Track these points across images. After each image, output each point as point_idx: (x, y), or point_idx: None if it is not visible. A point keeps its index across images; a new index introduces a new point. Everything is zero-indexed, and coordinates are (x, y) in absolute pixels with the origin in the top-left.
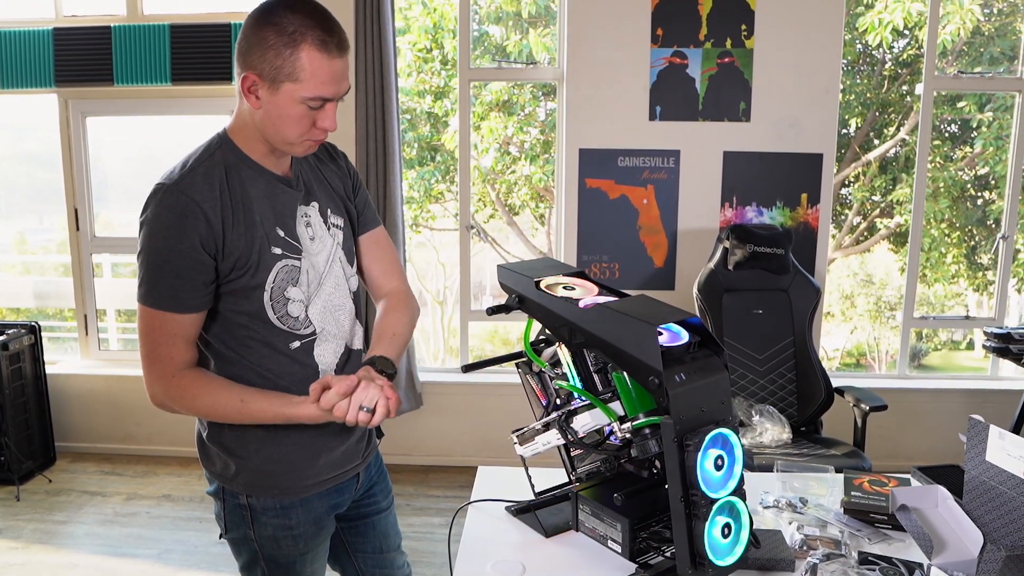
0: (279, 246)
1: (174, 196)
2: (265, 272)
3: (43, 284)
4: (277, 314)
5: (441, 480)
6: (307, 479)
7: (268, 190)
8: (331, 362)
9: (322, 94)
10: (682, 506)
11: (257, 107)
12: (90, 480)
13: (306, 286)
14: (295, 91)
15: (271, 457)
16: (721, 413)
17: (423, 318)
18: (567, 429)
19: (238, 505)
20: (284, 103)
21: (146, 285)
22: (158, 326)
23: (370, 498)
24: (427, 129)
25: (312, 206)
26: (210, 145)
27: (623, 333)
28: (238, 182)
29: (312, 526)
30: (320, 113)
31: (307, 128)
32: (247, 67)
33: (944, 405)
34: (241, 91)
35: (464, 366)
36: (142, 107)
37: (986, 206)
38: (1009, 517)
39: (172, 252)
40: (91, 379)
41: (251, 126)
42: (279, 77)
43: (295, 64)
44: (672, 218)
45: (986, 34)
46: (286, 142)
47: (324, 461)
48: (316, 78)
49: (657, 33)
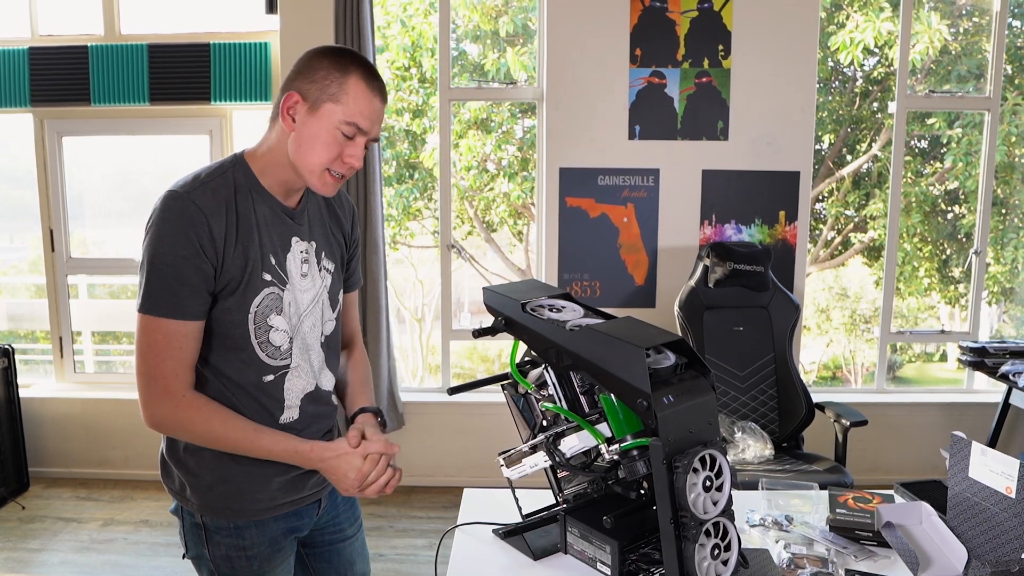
0: (269, 272)
1: (183, 202)
2: (252, 295)
3: (15, 306)
4: (259, 340)
5: (424, 501)
6: (260, 502)
7: (271, 217)
8: (297, 397)
9: (358, 122)
10: (672, 528)
11: (291, 128)
12: (65, 506)
13: (288, 317)
14: (334, 112)
15: (223, 477)
16: (709, 434)
17: (402, 335)
18: (555, 451)
19: (194, 524)
20: (320, 124)
21: (146, 291)
22: (160, 338)
23: (335, 525)
24: (405, 147)
25: (311, 244)
26: (223, 164)
27: (611, 356)
28: (244, 204)
29: (267, 547)
30: (349, 145)
31: (334, 157)
32: (292, 88)
33: (922, 419)
34: (280, 111)
35: (450, 389)
36: (120, 127)
37: (956, 220)
38: (993, 533)
39: (176, 257)
40: (66, 402)
41: (275, 152)
42: (322, 97)
43: (341, 86)
44: (652, 236)
45: (953, 53)
46: (309, 168)
47: (277, 485)
48: (357, 105)
49: (636, 53)
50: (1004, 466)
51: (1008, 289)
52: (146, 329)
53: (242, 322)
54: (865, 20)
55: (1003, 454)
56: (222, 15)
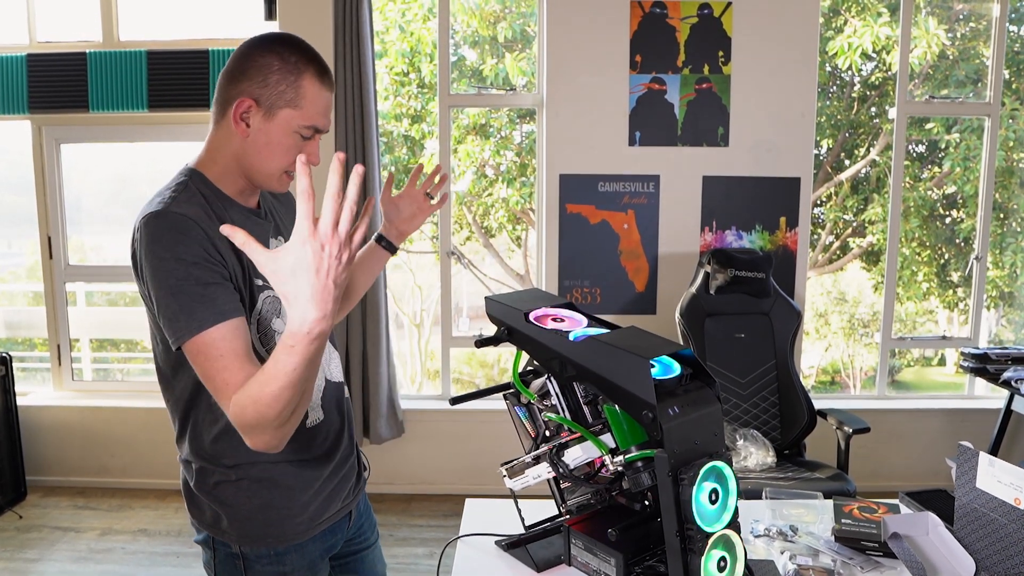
0: (259, 277)
1: (166, 218)
2: (253, 300)
3: (13, 313)
4: (266, 347)
5: (424, 509)
6: (300, 524)
7: (243, 222)
8: (316, 396)
9: (316, 124)
10: (677, 541)
11: (245, 135)
12: (63, 515)
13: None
14: (292, 118)
15: (264, 504)
16: (714, 445)
17: (400, 340)
18: (558, 463)
19: (230, 554)
20: (278, 131)
21: (184, 316)
22: (216, 352)
23: (360, 535)
24: (404, 152)
25: (280, 240)
26: (180, 180)
27: (615, 366)
28: (219, 210)
29: (307, 571)
30: (308, 144)
31: (291, 160)
32: (243, 92)
33: (924, 425)
34: (232, 118)
35: (452, 399)
36: (118, 134)
37: (955, 225)
38: (1002, 544)
39: (189, 266)
40: (64, 410)
41: (227, 158)
42: (279, 103)
43: (298, 91)
44: (653, 243)
45: (951, 58)
46: (266, 173)
47: (316, 503)
48: (315, 107)
49: (636, 59)
50: (1013, 477)
51: (1007, 294)
52: (202, 349)
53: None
54: (863, 25)
55: (1012, 465)
56: (221, 22)
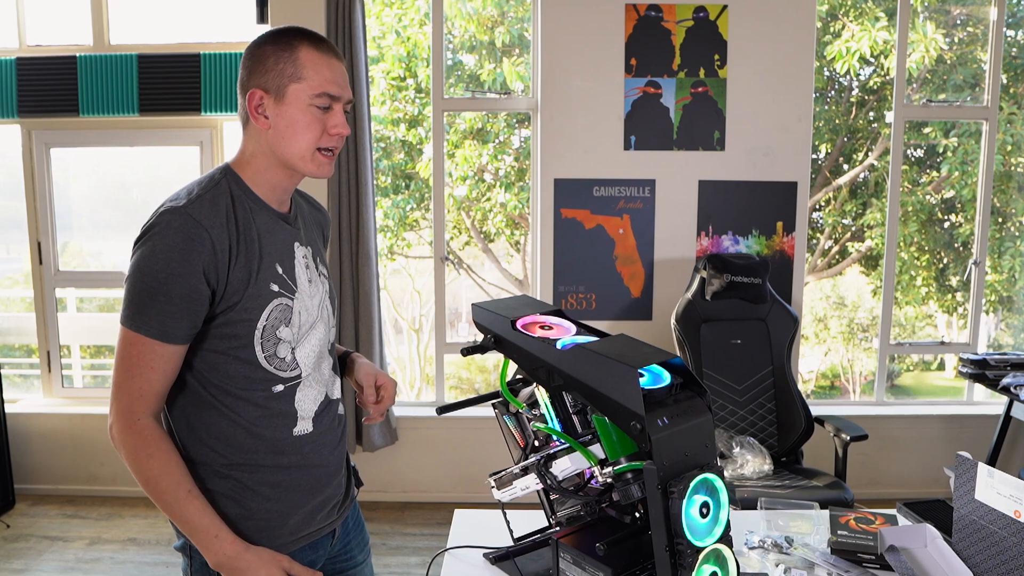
0: (276, 283)
1: (182, 218)
2: (259, 309)
3: (2, 319)
4: (265, 353)
5: (417, 517)
6: (279, 538)
7: (270, 225)
8: (311, 409)
9: (328, 90)
10: (667, 555)
11: (266, 127)
12: (51, 524)
13: (296, 327)
14: (301, 92)
15: (244, 514)
16: (705, 457)
17: (399, 345)
18: (546, 474)
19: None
20: (292, 109)
21: (133, 307)
22: (136, 354)
23: (346, 553)
24: (401, 157)
25: (308, 248)
26: (214, 175)
27: (603, 376)
28: (243, 213)
29: None
30: (330, 116)
31: (319, 134)
32: (251, 86)
33: (922, 431)
34: (250, 114)
35: (439, 408)
36: (109, 138)
37: (953, 229)
38: (1002, 558)
39: (171, 276)
40: (53, 418)
41: (260, 155)
42: (283, 82)
43: (295, 63)
44: (648, 248)
45: (949, 62)
46: (299, 155)
47: (295, 520)
48: (319, 73)
49: (631, 63)
50: (1012, 489)
51: (1005, 298)
52: (126, 343)
53: (247, 335)
54: (861, 29)
55: (1011, 476)
56: (212, 25)
